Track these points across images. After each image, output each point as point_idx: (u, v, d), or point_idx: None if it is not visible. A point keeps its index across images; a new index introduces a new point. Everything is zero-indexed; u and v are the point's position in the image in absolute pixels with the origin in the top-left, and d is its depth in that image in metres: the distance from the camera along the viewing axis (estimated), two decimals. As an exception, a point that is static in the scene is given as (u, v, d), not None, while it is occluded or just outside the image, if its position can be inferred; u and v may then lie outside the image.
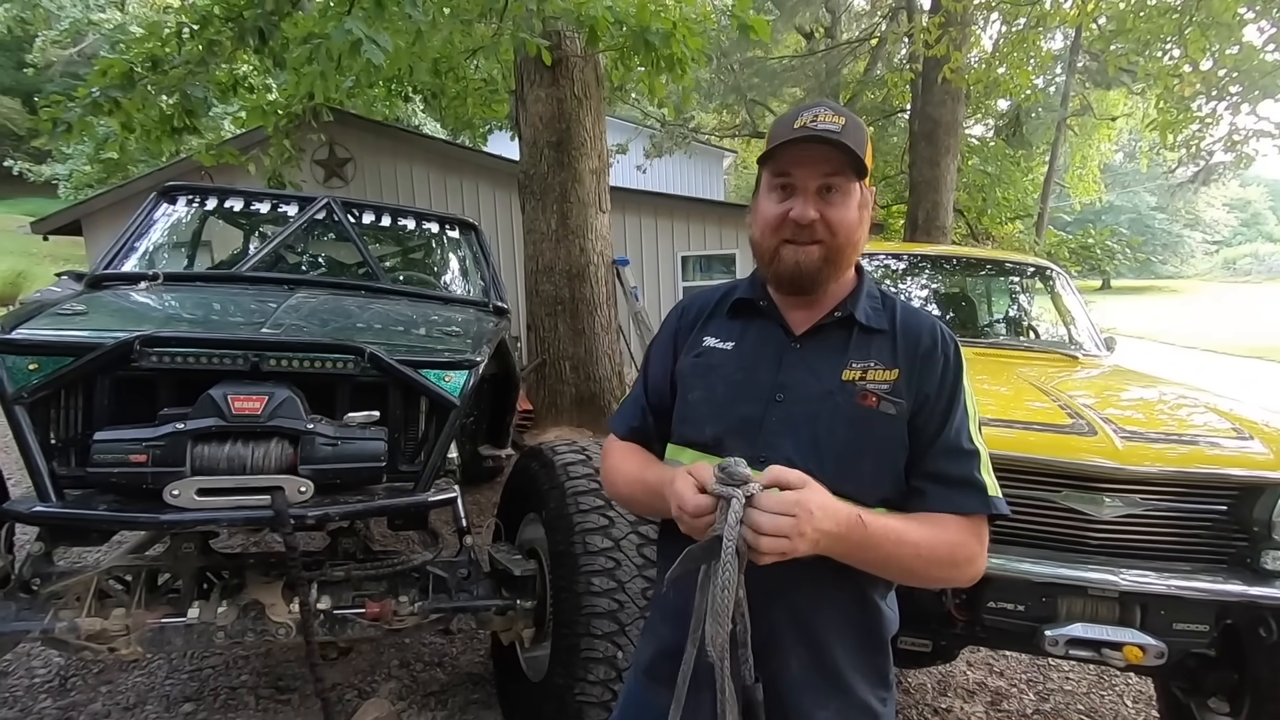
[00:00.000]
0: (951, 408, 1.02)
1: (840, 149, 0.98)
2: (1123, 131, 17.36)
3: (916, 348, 1.03)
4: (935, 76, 7.94)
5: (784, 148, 1.00)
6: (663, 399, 1.17)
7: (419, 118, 15.57)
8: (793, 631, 1.00)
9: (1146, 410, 2.27)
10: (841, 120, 1.00)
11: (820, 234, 1.01)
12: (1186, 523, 1.90)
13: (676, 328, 1.19)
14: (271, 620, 1.87)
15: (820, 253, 1.01)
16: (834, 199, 1.01)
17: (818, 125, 0.99)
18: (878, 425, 0.99)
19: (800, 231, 1.01)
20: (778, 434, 1.01)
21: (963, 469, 1.00)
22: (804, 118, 1.01)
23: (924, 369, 1.02)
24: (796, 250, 1.02)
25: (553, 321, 5.79)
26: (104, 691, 2.50)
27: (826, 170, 1.00)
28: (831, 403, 1.01)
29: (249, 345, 1.81)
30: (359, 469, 1.80)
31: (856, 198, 1.03)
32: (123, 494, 1.70)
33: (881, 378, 1.01)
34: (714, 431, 1.06)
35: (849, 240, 1.03)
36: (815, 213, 1.00)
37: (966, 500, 0.98)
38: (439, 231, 3.61)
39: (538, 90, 5.58)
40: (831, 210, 1.01)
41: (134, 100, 6.29)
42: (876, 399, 0.99)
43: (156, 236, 3.12)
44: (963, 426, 1.02)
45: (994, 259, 4.04)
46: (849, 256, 1.05)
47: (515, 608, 2.16)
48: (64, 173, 20.29)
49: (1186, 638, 1.83)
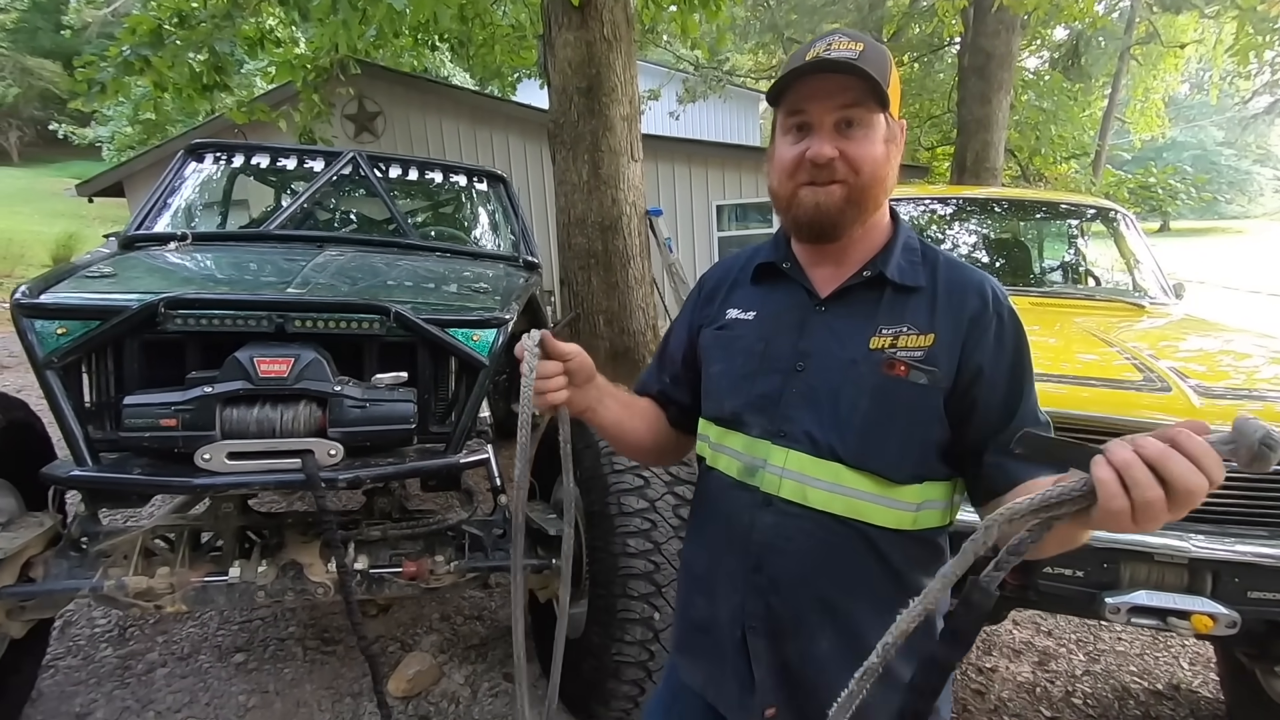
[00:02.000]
0: (1021, 383, 0.91)
1: (859, 75, 0.87)
2: (1191, 60, 16.15)
3: (962, 309, 0.91)
4: (989, 4, 7.41)
5: (795, 82, 0.90)
6: (675, 367, 1.14)
7: (447, 68, 15.32)
8: (821, 615, 0.93)
9: (1223, 363, 2.10)
10: (859, 46, 0.89)
11: (841, 173, 0.90)
12: (1266, 485, 1.76)
13: (695, 301, 1.13)
14: (310, 580, 1.88)
15: (842, 193, 0.91)
16: (855, 133, 0.90)
17: (831, 53, 0.88)
18: (906, 396, 0.89)
19: (819, 172, 0.90)
20: (797, 408, 0.94)
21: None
22: (817, 48, 0.90)
23: (973, 335, 0.90)
24: (816, 192, 0.92)
25: (585, 275, 5.70)
26: (160, 642, 2.60)
27: (844, 101, 0.89)
28: (855, 373, 0.91)
29: (274, 306, 1.77)
30: (389, 431, 1.77)
31: (881, 130, 0.91)
32: (157, 457, 1.71)
33: (915, 344, 0.90)
34: (732, 406, 1.00)
35: (874, 177, 0.91)
36: (834, 149, 0.89)
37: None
38: (467, 184, 3.52)
39: (566, 34, 5.36)
40: (853, 145, 0.90)
41: (164, 58, 6.28)
42: (906, 368, 0.89)
43: (188, 195, 3.10)
44: (1035, 399, 0.92)
45: (1051, 200, 3.78)
46: (876, 196, 0.94)
47: (550, 567, 2.15)
48: (107, 135, 20.70)
49: (1262, 606, 1.71)
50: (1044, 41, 12.97)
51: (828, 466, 0.91)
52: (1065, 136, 12.28)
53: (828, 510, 0.91)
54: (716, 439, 1.03)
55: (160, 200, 2.88)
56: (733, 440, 1.00)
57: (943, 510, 0.93)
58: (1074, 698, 2.49)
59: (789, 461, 0.93)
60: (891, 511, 0.90)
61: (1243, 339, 2.37)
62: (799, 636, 0.93)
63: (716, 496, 1.02)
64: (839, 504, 0.91)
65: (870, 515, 0.90)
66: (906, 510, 0.90)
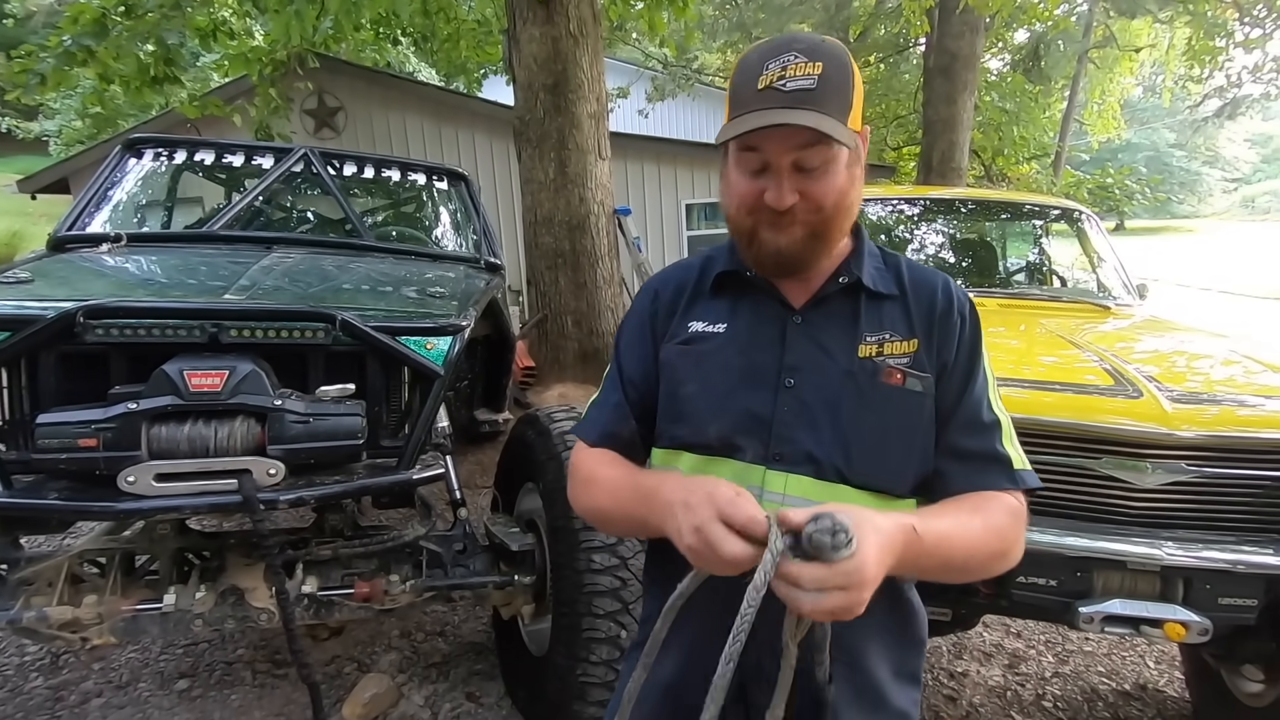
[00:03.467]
0: (971, 375, 0.90)
1: (819, 112, 0.78)
2: (1145, 64, 16.60)
3: (931, 312, 0.91)
4: (954, 5, 7.48)
5: (749, 119, 0.80)
6: (645, 397, 0.97)
7: (412, 64, 15.02)
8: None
9: (1192, 366, 2.09)
10: (816, 68, 0.79)
11: (803, 214, 0.84)
12: (1236, 490, 1.75)
13: (651, 312, 0.99)
14: (253, 606, 1.77)
15: (805, 232, 0.85)
16: (814, 173, 0.82)
17: (787, 83, 0.79)
18: (905, 406, 0.86)
19: (779, 217, 0.84)
20: (793, 427, 0.86)
21: (984, 443, 0.88)
22: (770, 72, 0.80)
23: (940, 335, 0.90)
24: (777, 235, 0.85)
25: (553, 275, 5.60)
26: (96, 669, 2.44)
27: (802, 141, 0.80)
28: (853, 385, 0.86)
29: (207, 315, 1.64)
30: (334, 447, 1.66)
31: (844, 159, 0.83)
32: (77, 479, 1.57)
33: (901, 350, 0.88)
34: (719, 430, 0.88)
35: (838, 209, 0.85)
36: (793, 195, 0.82)
37: (988, 477, 0.87)
38: (427, 183, 3.39)
39: (531, 29, 5.25)
40: (813, 185, 0.83)
41: (109, 49, 5.99)
42: (901, 375, 0.87)
43: (128, 193, 2.93)
44: (983, 395, 0.90)
45: (1016, 201, 3.79)
46: (842, 225, 0.88)
47: (514, 583, 2.06)
48: (54, 129, 19.88)
49: (1233, 612, 1.70)
50: (1005, 44, 13.18)
51: (832, 489, 0.85)
52: (1027, 137, 12.50)
53: None
54: (694, 469, 0.90)
55: (95, 198, 2.71)
56: (720, 469, 0.88)
57: None
58: (1044, 700, 2.48)
59: (789, 487, 0.85)
60: None
61: (1207, 341, 2.38)
62: (808, 680, 0.84)
63: None
64: None
65: None
66: None
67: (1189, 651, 2.31)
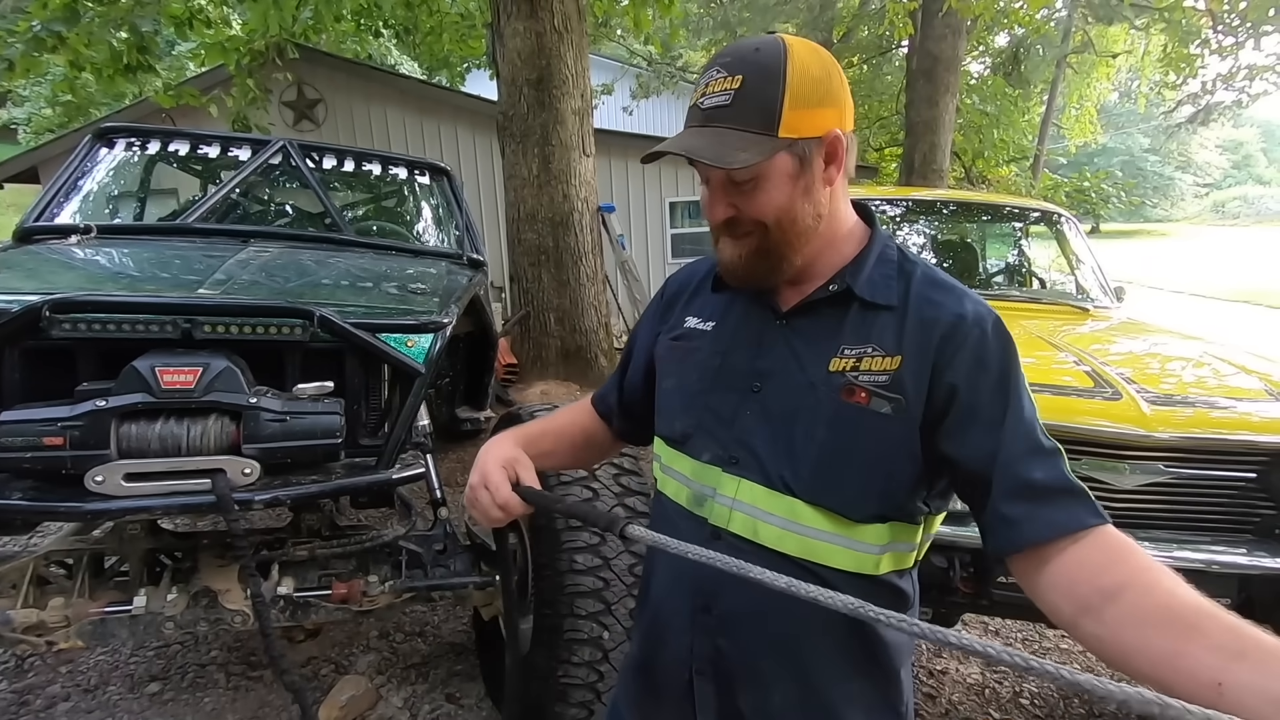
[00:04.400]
0: (1005, 406, 0.77)
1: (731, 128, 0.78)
2: (1121, 70, 16.90)
3: (933, 328, 0.80)
4: (937, 8, 7.55)
5: (670, 139, 0.83)
6: (638, 383, 1.05)
7: (394, 56, 14.83)
8: (774, 659, 0.84)
9: (1169, 369, 2.12)
10: (734, 83, 0.78)
11: (748, 225, 0.83)
12: (1211, 491, 1.78)
13: (657, 308, 1.05)
14: (226, 608, 1.72)
15: (754, 244, 0.83)
16: (747, 188, 0.81)
17: (704, 101, 0.81)
18: (866, 427, 0.79)
19: (726, 228, 0.85)
20: (750, 433, 0.85)
21: (1056, 472, 0.74)
22: (698, 89, 0.82)
23: (945, 353, 0.79)
24: (734, 245, 0.85)
25: (536, 272, 5.57)
26: (64, 672, 2.37)
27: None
28: (813, 398, 0.82)
29: (180, 310, 1.60)
30: (312, 446, 1.62)
31: (781, 171, 0.79)
32: (42, 479, 1.52)
33: (878, 367, 0.80)
34: (683, 426, 0.91)
35: (783, 225, 0.82)
36: (725, 209, 0.83)
37: (1073, 513, 0.71)
38: (408, 177, 3.34)
39: (515, 23, 5.20)
40: (745, 201, 0.81)
41: (80, 35, 5.84)
42: (867, 394, 0.79)
43: (99, 184, 2.85)
44: (1035, 420, 0.78)
45: (997, 204, 3.83)
46: (794, 240, 0.83)
47: (495, 584, 2.04)
48: (23, 117, 19.40)
49: (1205, 612, 1.73)
50: (987, 48, 13.34)
51: (781, 500, 0.82)
52: (1007, 140, 12.67)
53: (779, 549, 0.82)
54: (667, 461, 0.95)
55: (65, 188, 2.63)
56: (681, 464, 0.92)
57: (908, 553, 0.85)
58: (1021, 698, 2.51)
59: (740, 492, 0.84)
60: (851, 554, 0.81)
61: (1181, 343, 2.42)
62: (752, 684, 0.85)
63: (665, 523, 0.92)
64: (792, 543, 0.81)
65: (827, 557, 0.81)
66: (869, 553, 0.81)
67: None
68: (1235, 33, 8.14)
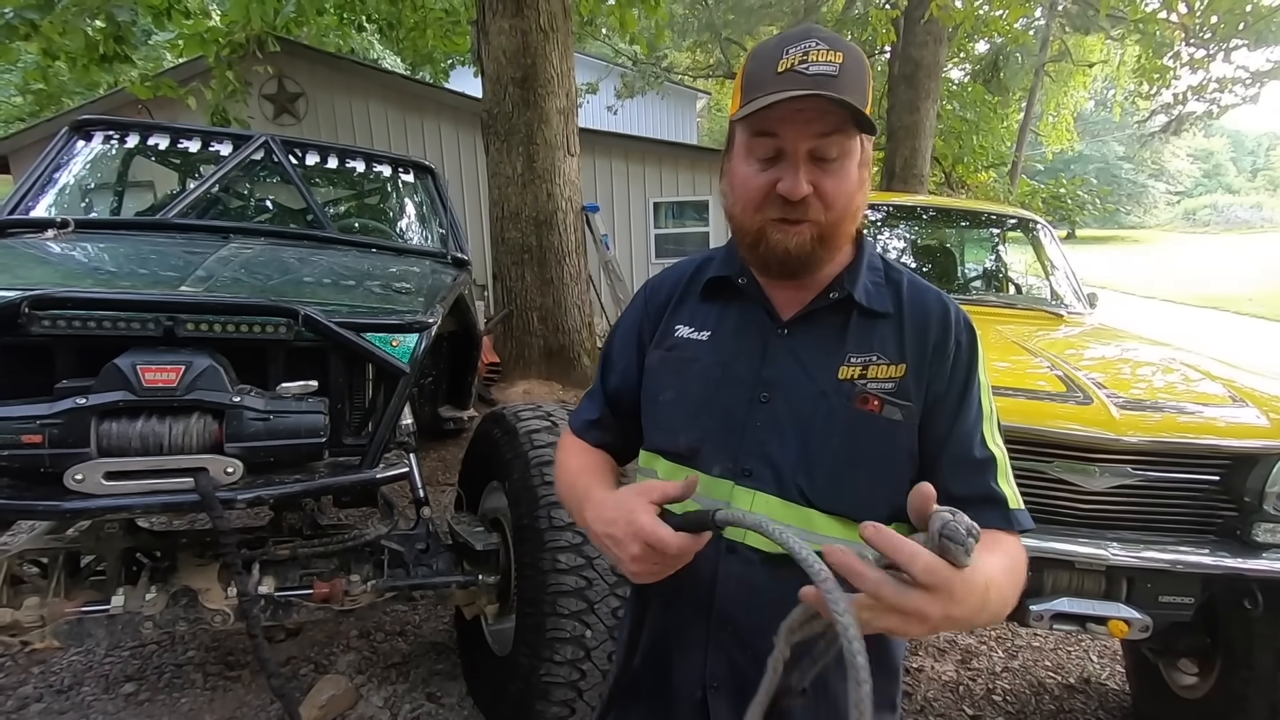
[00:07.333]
0: (962, 406, 0.84)
1: (841, 102, 0.76)
2: (1097, 78, 17.24)
3: (926, 336, 0.85)
4: (919, 15, 7.65)
5: (773, 96, 0.77)
6: (624, 396, 0.99)
7: (376, 50, 14.69)
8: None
9: (1138, 375, 2.18)
10: (838, 56, 0.77)
11: (814, 211, 0.80)
12: (1176, 493, 1.83)
13: (643, 314, 1.00)
14: (206, 607, 1.71)
15: (813, 232, 0.81)
16: (831, 165, 0.79)
17: (809, 67, 0.76)
18: (879, 434, 0.82)
19: (791, 209, 0.80)
20: (763, 444, 0.85)
21: (976, 482, 0.82)
22: (790, 56, 0.77)
23: (935, 364, 0.84)
24: (786, 235, 0.81)
25: (519, 271, 5.56)
26: (36, 673, 2.34)
27: (823, 129, 0.78)
28: (825, 407, 0.83)
29: (162, 307, 1.58)
30: (295, 445, 1.61)
31: (858, 156, 0.82)
32: (19, 477, 1.50)
33: (885, 374, 0.83)
34: (689, 439, 0.89)
35: (847, 212, 0.82)
36: (809, 185, 0.79)
37: (982, 518, 0.78)
38: (392, 175, 3.32)
39: (500, 21, 5.19)
40: (828, 179, 0.80)
41: (53, 23, 5.72)
42: (880, 402, 0.82)
43: (75, 177, 2.81)
44: (975, 429, 0.84)
45: (976, 210, 3.90)
46: (848, 230, 0.85)
47: (477, 583, 2.04)
48: (-9, 105, 18.90)
49: (1171, 610, 1.78)
50: (967, 54, 13.53)
51: (798, 511, 0.83)
52: (986, 146, 12.87)
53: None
54: (668, 475, 0.91)
55: (40, 181, 2.58)
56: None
57: None
58: (994, 695, 2.56)
59: (755, 505, 0.84)
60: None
61: (1150, 349, 2.49)
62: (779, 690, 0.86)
63: None
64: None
65: None
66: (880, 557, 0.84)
67: (1130, 647, 2.41)
68: (1206, 46, 8.35)
